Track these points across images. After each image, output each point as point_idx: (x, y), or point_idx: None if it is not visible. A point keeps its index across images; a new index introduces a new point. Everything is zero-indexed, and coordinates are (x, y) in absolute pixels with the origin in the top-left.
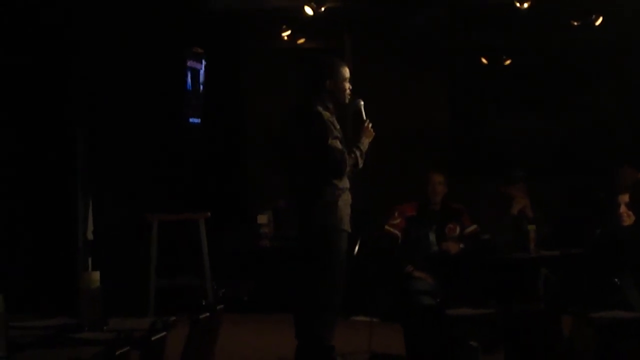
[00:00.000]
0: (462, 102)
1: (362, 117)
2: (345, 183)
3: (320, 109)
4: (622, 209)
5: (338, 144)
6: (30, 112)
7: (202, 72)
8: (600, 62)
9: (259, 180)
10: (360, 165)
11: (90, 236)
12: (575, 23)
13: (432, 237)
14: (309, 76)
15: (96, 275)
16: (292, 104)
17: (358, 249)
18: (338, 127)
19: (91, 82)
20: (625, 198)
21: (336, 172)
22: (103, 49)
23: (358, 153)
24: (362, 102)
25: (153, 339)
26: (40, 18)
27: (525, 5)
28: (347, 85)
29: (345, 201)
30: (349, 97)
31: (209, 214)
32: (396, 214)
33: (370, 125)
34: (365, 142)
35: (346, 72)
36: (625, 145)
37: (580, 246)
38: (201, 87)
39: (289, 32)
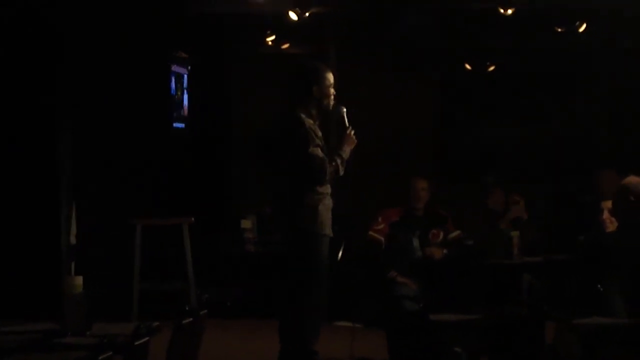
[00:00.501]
0: (447, 108)
1: (345, 125)
2: (327, 188)
3: (303, 116)
4: (605, 215)
5: (319, 152)
6: (13, 116)
7: (186, 76)
8: (584, 68)
9: (244, 185)
10: (341, 173)
11: (73, 240)
12: (559, 29)
13: (416, 242)
14: (295, 82)
15: (79, 280)
16: (275, 110)
17: (341, 255)
18: (320, 134)
19: (75, 86)
20: (608, 204)
21: (316, 179)
22: (87, 53)
23: (339, 161)
24: (344, 110)
25: (136, 343)
26: (23, 22)
27: (510, 11)
28: (332, 91)
29: (326, 206)
30: (332, 103)
31: (193, 219)
32: (380, 220)
33: (352, 132)
34: (346, 150)
35: (331, 77)
36: (608, 151)
37: (565, 252)
38: (185, 91)
39: (273, 37)
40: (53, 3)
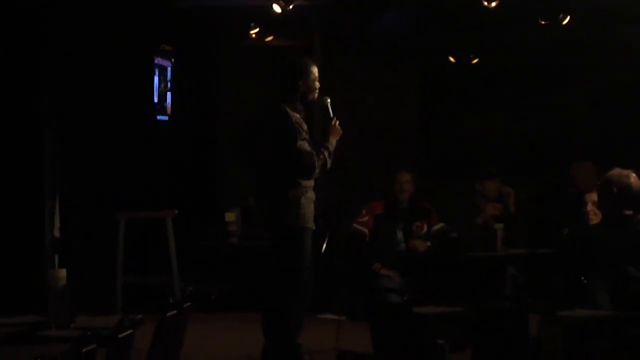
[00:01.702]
0: (431, 101)
1: (329, 115)
2: (310, 182)
3: (288, 109)
4: (590, 207)
5: (306, 146)
6: None
7: (170, 69)
8: (569, 61)
9: (228, 178)
10: (329, 165)
11: (57, 233)
12: (543, 22)
13: (400, 235)
14: (281, 77)
15: (63, 272)
16: (260, 104)
17: (325, 247)
18: (306, 127)
19: (59, 79)
20: (592, 197)
21: (304, 173)
22: (71, 46)
23: (326, 153)
24: (328, 100)
25: (120, 336)
26: (7, 16)
27: (493, 4)
28: (317, 85)
29: (308, 199)
30: (316, 95)
31: (177, 211)
32: (364, 212)
33: (337, 122)
34: (332, 141)
35: (316, 71)
36: (592, 144)
37: (548, 245)
38: (169, 84)
39: (257, 30)
40: None
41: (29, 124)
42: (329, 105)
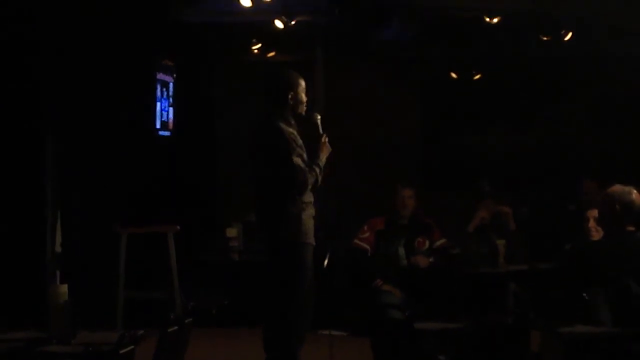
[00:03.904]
0: (433, 116)
1: (319, 132)
2: (309, 197)
3: (282, 125)
4: (591, 223)
5: (300, 162)
6: None
7: (172, 84)
8: (569, 76)
9: (229, 193)
10: (319, 183)
11: (58, 249)
12: (545, 38)
13: (402, 251)
14: (272, 90)
15: (64, 288)
16: (254, 119)
17: (327, 263)
18: (300, 142)
19: (61, 94)
20: (594, 213)
21: (297, 191)
22: (73, 61)
23: (317, 170)
24: (318, 117)
25: (121, 352)
26: (7, 30)
27: (495, 20)
28: (305, 98)
29: (309, 215)
30: (305, 108)
31: (178, 227)
32: (365, 228)
33: (326, 139)
34: (323, 158)
35: (304, 83)
36: (592, 159)
37: (550, 261)
38: (171, 99)
39: (259, 46)
40: (38, 10)
41: (30, 139)
42: (319, 121)
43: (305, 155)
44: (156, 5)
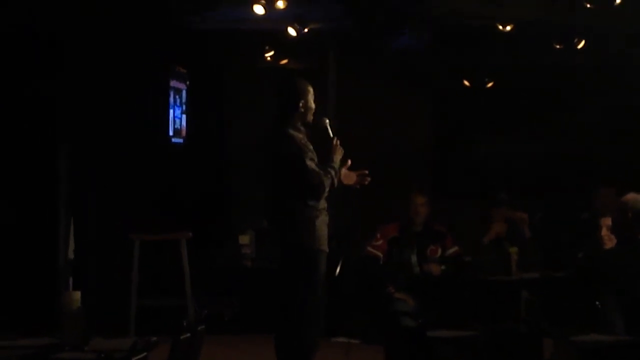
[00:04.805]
0: (445, 123)
1: (330, 135)
2: (323, 203)
3: (292, 132)
4: (604, 232)
5: (314, 166)
6: (12, 131)
7: (185, 91)
8: (582, 84)
9: (242, 200)
10: (336, 185)
11: (71, 256)
12: (558, 46)
13: (414, 258)
14: (283, 98)
15: (77, 295)
16: (263, 127)
17: (339, 270)
18: (311, 147)
19: (74, 101)
20: (607, 221)
21: (314, 195)
22: (86, 68)
23: (333, 172)
24: (327, 121)
25: (134, 359)
26: (24, 36)
27: (508, 27)
28: (314, 104)
29: (322, 221)
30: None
31: (191, 234)
32: (378, 236)
33: (338, 142)
34: (337, 160)
35: (312, 90)
36: (606, 167)
37: (563, 269)
38: (184, 107)
39: (272, 53)
40: (54, 16)
41: (43, 146)
42: (328, 125)
43: (316, 160)
44: (170, 13)
